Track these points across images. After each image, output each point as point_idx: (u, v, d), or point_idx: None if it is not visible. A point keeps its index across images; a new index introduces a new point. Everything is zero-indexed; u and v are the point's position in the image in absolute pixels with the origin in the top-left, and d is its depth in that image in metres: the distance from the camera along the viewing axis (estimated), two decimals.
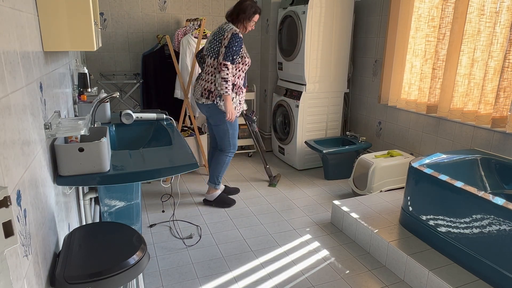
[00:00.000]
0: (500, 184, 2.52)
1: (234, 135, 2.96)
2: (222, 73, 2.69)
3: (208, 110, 2.86)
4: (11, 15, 0.98)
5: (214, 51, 2.79)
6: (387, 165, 3.09)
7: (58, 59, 1.75)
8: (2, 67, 0.87)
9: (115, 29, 3.88)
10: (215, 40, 2.79)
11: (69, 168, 1.41)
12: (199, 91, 2.87)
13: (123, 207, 1.88)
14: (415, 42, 3.34)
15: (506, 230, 1.80)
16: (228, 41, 2.70)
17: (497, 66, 2.66)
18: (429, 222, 2.27)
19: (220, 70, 2.70)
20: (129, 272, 1.18)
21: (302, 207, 3.14)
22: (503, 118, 2.65)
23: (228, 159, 3.02)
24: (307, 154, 3.95)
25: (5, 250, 0.71)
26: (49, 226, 1.25)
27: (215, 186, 3.09)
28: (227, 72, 2.69)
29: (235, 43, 2.70)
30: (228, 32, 2.73)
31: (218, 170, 3.04)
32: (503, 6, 2.55)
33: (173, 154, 1.81)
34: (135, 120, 2.34)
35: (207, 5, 4.16)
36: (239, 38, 2.73)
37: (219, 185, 3.11)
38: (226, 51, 2.69)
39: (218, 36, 2.78)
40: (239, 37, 2.73)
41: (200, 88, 2.86)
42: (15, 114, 0.96)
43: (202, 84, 2.85)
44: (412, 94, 3.44)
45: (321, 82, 3.85)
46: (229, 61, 2.69)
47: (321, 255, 2.46)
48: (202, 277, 2.21)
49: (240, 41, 2.73)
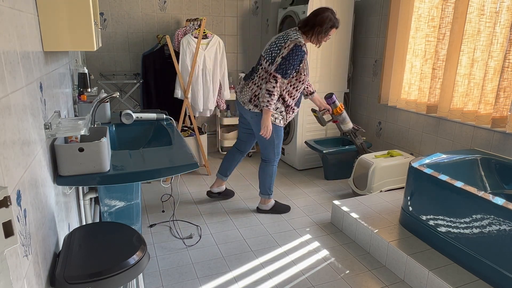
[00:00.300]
0: (500, 184, 2.52)
1: (279, 145, 2.81)
2: (269, 85, 2.49)
3: (255, 118, 2.68)
4: (11, 15, 0.98)
5: (271, 56, 2.57)
6: (387, 165, 3.09)
7: (58, 59, 1.75)
8: (2, 67, 0.87)
9: (115, 29, 3.88)
10: (276, 44, 2.58)
11: (69, 168, 1.41)
12: (247, 95, 2.67)
13: (123, 207, 1.88)
14: (415, 42, 3.34)
15: (506, 230, 1.80)
16: (288, 52, 2.48)
17: (497, 66, 2.66)
18: (429, 222, 2.27)
19: (267, 81, 2.51)
20: (129, 272, 1.18)
21: (302, 207, 3.14)
22: (503, 118, 2.65)
23: (275, 169, 2.90)
24: (307, 154, 3.95)
25: (5, 250, 0.71)
26: (49, 226, 1.25)
27: (269, 197, 2.98)
28: (274, 85, 2.48)
29: (295, 57, 2.47)
30: (291, 41, 2.50)
31: (269, 182, 2.91)
32: (503, 6, 2.55)
33: (173, 154, 1.81)
34: (135, 120, 2.34)
35: (207, 5, 4.16)
36: (301, 52, 2.49)
37: (272, 195, 3.00)
38: (282, 63, 2.48)
39: (280, 42, 2.56)
40: (302, 51, 2.49)
41: (249, 92, 2.66)
42: (15, 114, 0.96)
43: (253, 89, 2.65)
44: (412, 94, 3.44)
45: (321, 82, 3.84)
46: (280, 74, 2.49)
47: (321, 255, 2.46)
48: (202, 277, 2.21)
49: (301, 55, 2.50)
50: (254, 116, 2.67)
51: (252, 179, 3.71)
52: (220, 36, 4.17)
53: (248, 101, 2.66)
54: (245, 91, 2.71)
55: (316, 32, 2.55)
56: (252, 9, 4.42)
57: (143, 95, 3.86)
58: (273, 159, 2.85)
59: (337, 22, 2.59)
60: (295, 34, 2.56)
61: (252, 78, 2.69)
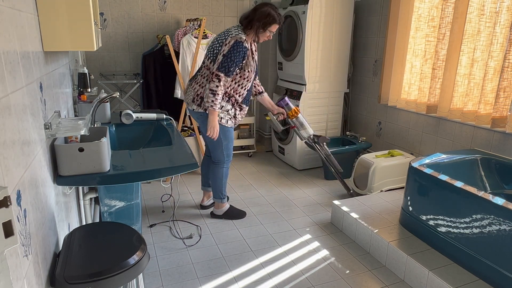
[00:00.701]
0: (500, 184, 2.52)
1: (229, 146, 2.69)
2: (212, 84, 2.39)
3: (200, 118, 2.59)
4: (11, 15, 0.98)
5: (213, 53, 2.49)
6: (388, 165, 3.09)
7: (58, 59, 1.75)
8: (2, 67, 0.87)
9: (115, 29, 3.88)
10: (218, 42, 2.50)
11: (69, 168, 1.41)
12: (190, 95, 2.58)
13: (123, 207, 1.88)
14: (415, 42, 3.34)
15: (506, 230, 1.80)
16: (229, 49, 2.39)
17: (497, 66, 2.66)
18: (429, 222, 2.27)
19: (210, 80, 2.41)
20: (129, 272, 1.18)
21: (302, 207, 3.14)
22: (503, 118, 2.65)
23: (226, 171, 2.78)
24: (307, 154, 3.95)
25: (5, 250, 0.71)
26: (49, 226, 1.25)
27: (221, 201, 2.87)
28: (218, 84, 2.38)
29: (236, 53, 2.38)
30: (231, 37, 2.41)
31: (219, 185, 2.79)
32: (503, 6, 2.55)
33: (173, 154, 1.81)
34: (135, 120, 2.34)
35: (207, 5, 4.16)
36: (242, 48, 2.39)
37: (225, 199, 2.89)
38: (223, 61, 2.38)
39: (221, 39, 2.48)
40: (243, 47, 2.39)
41: (192, 92, 2.57)
42: (15, 114, 0.96)
43: (196, 88, 2.56)
44: (412, 94, 3.44)
45: (321, 82, 3.85)
46: (223, 72, 2.38)
47: (321, 255, 2.46)
48: (202, 277, 2.21)
49: (243, 51, 2.40)
50: (199, 116, 2.58)
51: (252, 179, 3.71)
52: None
53: (191, 101, 2.57)
54: (189, 91, 2.62)
55: (255, 27, 2.46)
56: None
57: (143, 95, 3.86)
58: (222, 161, 2.73)
59: (278, 18, 2.49)
60: (236, 30, 2.47)
61: (195, 77, 2.61)
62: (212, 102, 2.42)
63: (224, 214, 2.90)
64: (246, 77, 2.53)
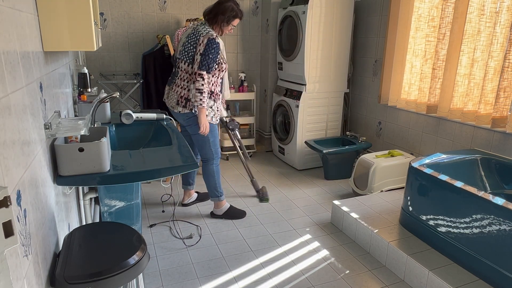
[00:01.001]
0: (500, 184, 2.52)
1: (215, 143, 2.77)
2: (197, 84, 2.48)
3: (186, 119, 2.66)
4: (11, 15, 0.98)
5: (188, 55, 2.57)
6: (388, 165, 3.09)
7: (58, 59, 1.75)
8: (2, 67, 0.87)
9: (115, 29, 3.88)
10: (189, 43, 2.56)
11: (69, 168, 1.41)
12: (174, 98, 2.65)
13: (123, 207, 1.88)
14: (415, 42, 3.34)
15: (506, 230, 1.80)
16: (204, 48, 2.48)
17: (497, 66, 2.66)
18: (429, 222, 2.27)
19: (194, 80, 2.50)
20: (129, 272, 1.18)
21: (302, 207, 3.13)
22: (503, 118, 2.65)
23: (216, 168, 2.83)
24: (307, 154, 3.95)
25: (5, 250, 0.71)
26: (49, 226, 1.25)
27: (219, 199, 2.89)
28: (202, 82, 2.48)
29: (212, 50, 2.48)
30: (204, 36, 2.50)
31: (213, 182, 2.84)
32: (503, 6, 2.55)
33: (173, 154, 1.81)
34: (135, 120, 2.34)
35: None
36: (216, 44, 2.51)
37: (223, 196, 2.91)
38: (202, 60, 2.48)
39: (193, 39, 2.55)
40: (216, 43, 2.51)
41: (175, 95, 2.64)
42: (15, 114, 0.96)
43: (178, 91, 2.63)
44: (412, 94, 3.44)
45: (321, 82, 3.85)
46: (204, 70, 2.48)
47: (321, 255, 2.46)
48: (202, 277, 2.21)
49: (217, 47, 2.51)
50: (186, 117, 2.65)
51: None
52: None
53: (176, 104, 2.64)
54: (171, 95, 2.69)
55: (218, 20, 2.60)
56: (252, 9, 4.42)
57: (143, 95, 3.86)
58: (211, 158, 2.79)
59: (239, 13, 2.64)
60: (204, 28, 2.57)
61: (174, 81, 2.69)
62: (200, 100, 2.51)
63: (224, 214, 2.92)
64: (223, 69, 2.66)
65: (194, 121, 2.63)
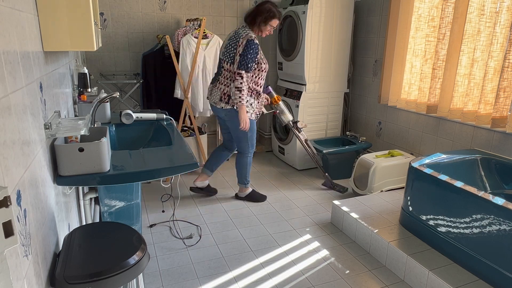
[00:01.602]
0: (500, 184, 2.52)
1: (253, 137, 3.00)
2: (236, 83, 2.67)
3: (228, 114, 2.85)
4: (11, 15, 0.98)
5: (230, 56, 2.77)
6: (388, 165, 3.09)
7: (58, 59, 1.75)
8: (2, 67, 0.87)
9: (115, 29, 3.88)
10: (231, 45, 2.77)
11: (69, 168, 1.41)
12: (217, 95, 2.84)
13: (123, 207, 1.88)
14: (415, 42, 3.34)
15: (506, 230, 1.80)
16: (243, 48, 2.67)
17: (497, 66, 2.66)
18: (429, 222, 2.27)
19: (234, 79, 2.69)
20: (129, 272, 1.18)
21: (302, 207, 3.14)
22: (503, 118, 2.65)
23: (250, 159, 3.09)
24: (307, 154, 3.95)
25: (5, 250, 0.71)
26: (49, 226, 1.25)
27: (245, 186, 3.18)
28: (241, 81, 2.67)
29: (250, 51, 2.67)
30: (243, 38, 2.70)
31: (244, 172, 3.12)
32: (503, 6, 2.55)
33: (173, 154, 1.81)
34: (135, 120, 2.34)
35: (207, 5, 4.16)
36: (254, 44, 2.68)
37: (249, 184, 3.19)
38: (241, 60, 2.67)
39: (234, 41, 2.75)
40: (254, 44, 2.69)
41: (218, 92, 2.84)
42: (15, 114, 0.96)
43: (221, 88, 2.83)
44: (412, 94, 3.44)
45: (321, 82, 3.85)
46: (243, 69, 2.67)
47: (321, 255, 2.46)
48: (202, 277, 2.21)
49: (255, 47, 2.69)
50: (228, 112, 2.84)
51: (252, 179, 3.71)
52: (220, 36, 4.17)
53: (219, 100, 2.84)
54: (214, 92, 2.89)
55: (258, 22, 2.76)
56: None
57: (143, 95, 3.86)
58: (247, 151, 3.04)
59: (277, 13, 2.79)
60: (244, 30, 2.76)
61: (218, 79, 2.88)
62: (239, 98, 2.70)
63: (247, 196, 3.22)
64: (263, 69, 2.84)
65: (234, 116, 2.80)
